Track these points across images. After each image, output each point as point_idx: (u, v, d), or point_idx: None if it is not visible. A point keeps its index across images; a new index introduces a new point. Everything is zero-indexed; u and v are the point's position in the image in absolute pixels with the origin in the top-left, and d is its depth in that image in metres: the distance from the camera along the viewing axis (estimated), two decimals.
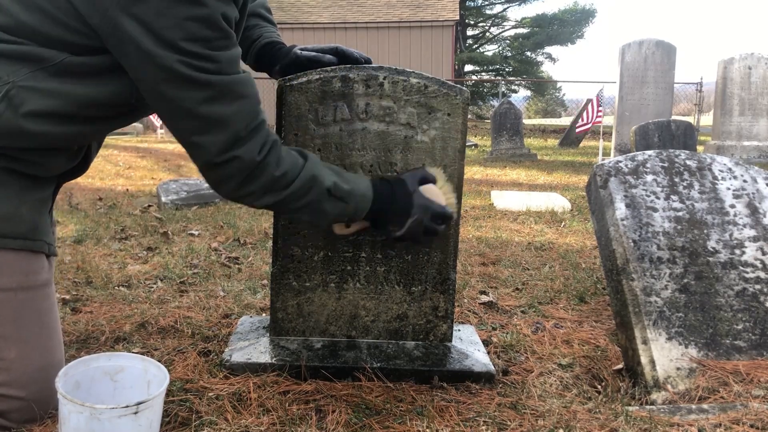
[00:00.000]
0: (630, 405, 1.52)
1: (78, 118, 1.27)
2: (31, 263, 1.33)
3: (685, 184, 1.90)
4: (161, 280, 2.55)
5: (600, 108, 8.96)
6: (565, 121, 21.70)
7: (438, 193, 1.55)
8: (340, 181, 1.39)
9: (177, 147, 10.22)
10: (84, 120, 1.29)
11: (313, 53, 1.63)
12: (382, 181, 1.52)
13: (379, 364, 1.62)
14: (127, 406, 1.14)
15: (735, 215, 1.86)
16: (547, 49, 26.09)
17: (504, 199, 4.94)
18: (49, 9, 1.19)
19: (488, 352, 1.79)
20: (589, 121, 9.11)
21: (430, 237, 1.56)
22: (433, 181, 1.57)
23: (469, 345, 1.78)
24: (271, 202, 1.34)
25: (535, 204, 4.68)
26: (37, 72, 1.21)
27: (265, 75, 1.72)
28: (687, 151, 2.00)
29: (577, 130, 9.83)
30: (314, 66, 1.60)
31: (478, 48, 28.02)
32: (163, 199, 4.48)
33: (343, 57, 1.63)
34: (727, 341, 1.65)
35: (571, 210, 4.65)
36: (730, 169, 1.97)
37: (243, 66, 1.32)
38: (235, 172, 1.27)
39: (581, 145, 12.70)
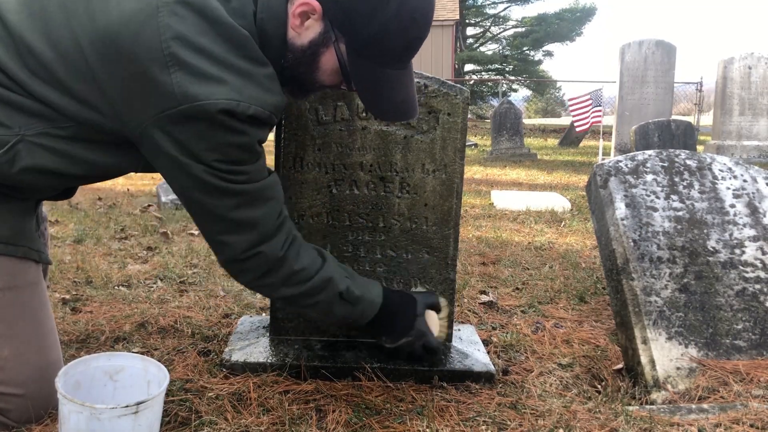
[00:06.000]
0: (630, 405, 1.52)
1: (75, 176, 1.28)
2: (16, 265, 1.33)
3: (685, 183, 1.90)
4: (161, 280, 2.55)
5: (599, 107, 8.94)
6: (565, 120, 21.68)
7: (436, 323, 1.61)
8: (352, 285, 1.42)
9: None
10: (79, 177, 1.30)
11: None
12: (395, 293, 1.55)
13: (379, 364, 1.62)
14: (127, 406, 1.14)
15: (735, 215, 1.86)
16: (547, 47, 26.11)
17: (504, 199, 4.94)
18: (88, 99, 1.17)
19: (488, 352, 1.79)
20: (586, 120, 9.07)
21: (411, 358, 1.61)
22: (438, 309, 1.63)
23: (469, 345, 1.78)
24: (287, 294, 1.37)
25: (535, 204, 4.68)
26: (50, 130, 1.20)
27: None
28: (687, 151, 2.00)
29: (578, 129, 9.81)
30: None
31: (478, 47, 28.01)
32: (163, 198, 4.48)
33: None
34: (727, 341, 1.65)
35: (571, 210, 4.65)
36: (730, 168, 1.96)
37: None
38: (258, 266, 1.30)
39: (581, 144, 12.70)
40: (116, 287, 2.43)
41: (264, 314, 2.07)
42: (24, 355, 1.32)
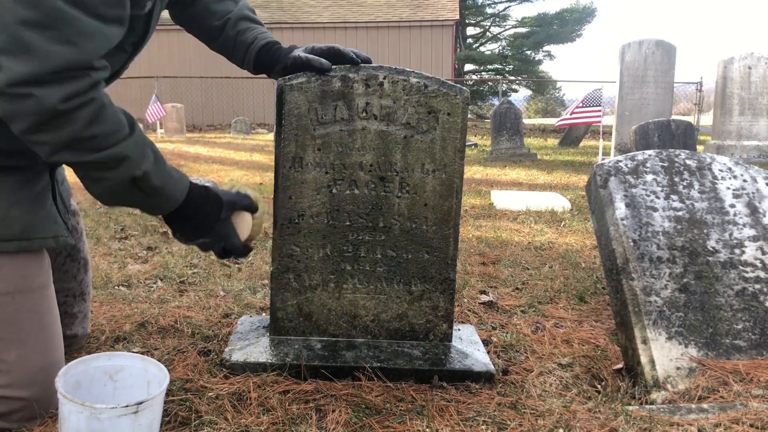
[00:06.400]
0: (630, 404, 1.52)
1: None
2: (28, 266, 1.32)
3: (685, 183, 1.90)
4: (161, 280, 2.55)
5: (599, 107, 8.94)
6: None
7: (248, 224, 1.49)
8: (153, 173, 1.23)
9: (176, 147, 10.22)
10: None
11: (311, 55, 1.62)
12: (200, 194, 1.38)
13: (379, 364, 1.62)
14: (127, 406, 1.14)
15: (735, 215, 1.86)
16: (547, 48, 26.12)
17: (504, 199, 4.94)
18: None
19: (488, 352, 1.79)
20: (576, 117, 9.08)
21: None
22: (254, 210, 1.50)
23: (469, 345, 1.78)
24: (68, 160, 1.19)
25: (535, 204, 4.68)
26: None
27: (264, 76, 1.72)
28: (687, 151, 2.00)
29: (557, 124, 9.82)
30: (313, 67, 1.59)
31: (478, 47, 28.03)
32: None
33: (338, 57, 1.61)
34: (727, 341, 1.65)
35: (571, 210, 4.65)
36: (730, 168, 1.97)
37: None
38: (26, 112, 1.09)
39: (581, 144, 12.70)
40: (116, 287, 2.43)
41: (264, 314, 2.08)
42: (29, 358, 1.32)
